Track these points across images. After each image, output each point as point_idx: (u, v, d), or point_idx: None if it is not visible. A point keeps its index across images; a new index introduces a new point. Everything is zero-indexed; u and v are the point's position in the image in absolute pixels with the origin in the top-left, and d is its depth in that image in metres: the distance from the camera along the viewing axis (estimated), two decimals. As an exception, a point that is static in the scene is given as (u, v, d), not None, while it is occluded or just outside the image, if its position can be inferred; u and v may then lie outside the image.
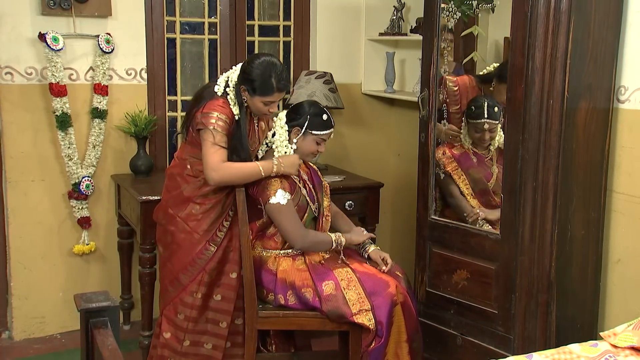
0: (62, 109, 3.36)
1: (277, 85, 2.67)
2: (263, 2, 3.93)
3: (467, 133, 3.09)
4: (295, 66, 4.04)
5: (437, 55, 2.87)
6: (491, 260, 2.73)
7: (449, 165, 3.08)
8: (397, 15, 3.96)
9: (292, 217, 2.70)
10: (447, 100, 3.12)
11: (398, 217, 4.21)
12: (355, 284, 2.64)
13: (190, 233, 2.75)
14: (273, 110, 2.76)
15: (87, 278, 3.67)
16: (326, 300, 2.63)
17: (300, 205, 2.77)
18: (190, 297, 2.77)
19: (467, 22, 3.22)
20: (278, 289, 2.71)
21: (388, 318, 2.59)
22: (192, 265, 2.75)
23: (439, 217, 3.00)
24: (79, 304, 1.32)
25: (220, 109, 2.67)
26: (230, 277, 2.81)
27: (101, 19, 3.45)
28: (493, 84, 3.12)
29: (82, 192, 3.47)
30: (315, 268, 2.71)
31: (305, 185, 2.83)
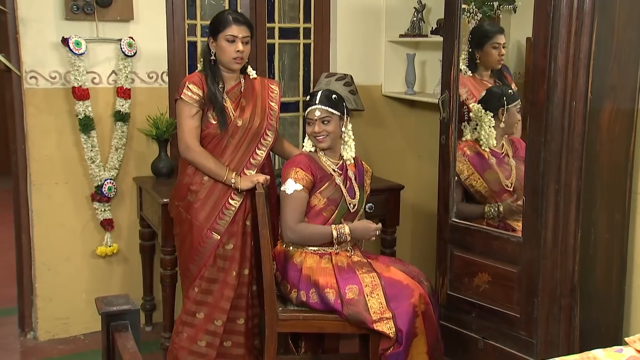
0: (85, 113, 3.40)
1: (232, 16, 2.83)
2: (283, 4, 3.94)
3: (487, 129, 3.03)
4: (315, 68, 4.04)
5: (458, 57, 2.85)
6: (513, 263, 2.71)
7: (463, 167, 3.03)
8: (417, 17, 3.94)
9: (289, 207, 2.73)
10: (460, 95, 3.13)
11: (419, 219, 4.19)
12: (379, 291, 2.62)
13: (191, 222, 2.84)
14: (240, 48, 2.82)
15: (110, 280, 3.70)
16: (347, 304, 2.62)
17: (331, 198, 2.77)
18: (193, 292, 2.84)
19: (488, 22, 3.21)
20: (302, 286, 2.70)
21: (408, 327, 2.57)
22: (198, 254, 2.83)
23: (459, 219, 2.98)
24: (100, 307, 1.33)
25: (191, 78, 2.85)
26: (231, 275, 2.84)
27: (123, 23, 3.48)
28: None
29: (105, 194, 3.50)
30: (340, 270, 2.70)
31: (346, 181, 2.82)
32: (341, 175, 2.83)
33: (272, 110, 2.96)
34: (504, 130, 3.03)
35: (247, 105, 2.90)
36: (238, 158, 2.88)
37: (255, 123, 2.89)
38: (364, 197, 2.92)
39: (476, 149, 3.06)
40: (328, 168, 2.81)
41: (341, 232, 2.73)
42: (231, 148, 2.86)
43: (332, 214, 2.79)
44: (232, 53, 2.80)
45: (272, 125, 2.94)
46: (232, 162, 2.86)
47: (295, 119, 4.09)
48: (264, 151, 2.93)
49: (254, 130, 2.89)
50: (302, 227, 2.74)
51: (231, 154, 2.87)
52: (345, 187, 2.82)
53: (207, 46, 2.88)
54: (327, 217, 2.78)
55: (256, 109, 2.91)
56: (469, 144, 3.08)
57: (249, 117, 2.88)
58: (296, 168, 2.74)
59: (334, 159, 2.85)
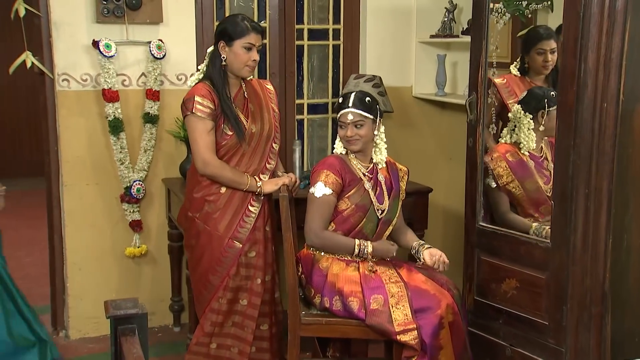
0: (115, 114, 3.44)
1: (251, 24, 2.78)
2: (312, 5, 3.92)
3: (527, 132, 2.96)
4: (344, 70, 4.02)
5: (486, 58, 2.80)
6: (541, 269, 2.63)
7: (503, 172, 2.96)
8: (448, 17, 3.88)
9: (316, 211, 2.69)
10: (502, 96, 3.06)
11: (450, 222, 4.13)
12: (404, 302, 2.57)
13: (211, 233, 2.79)
14: (256, 57, 2.79)
15: (139, 280, 3.74)
16: (371, 314, 2.58)
17: (360, 204, 2.73)
18: (217, 303, 2.82)
19: (524, 22, 3.14)
20: (326, 292, 2.68)
21: (433, 339, 2.52)
22: (220, 264, 2.79)
23: (488, 223, 2.92)
24: (108, 310, 1.33)
25: (198, 91, 2.76)
26: (256, 283, 2.82)
27: (153, 26, 3.51)
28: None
29: (134, 195, 3.54)
30: (367, 279, 2.66)
31: (376, 187, 2.78)
32: (371, 179, 2.78)
33: (274, 112, 2.94)
34: (543, 133, 2.96)
35: (255, 109, 2.88)
36: (256, 164, 2.86)
37: (265, 127, 2.87)
38: (398, 204, 2.86)
39: (516, 153, 2.98)
40: (358, 172, 2.77)
41: (362, 249, 2.69)
42: (248, 155, 2.84)
43: (360, 220, 2.74)
44: (248, 61, 2.76)
45: (277, 127, 2.93)
46: (249, 169, 2.84)
47: (324, 121, 4.07)
48: (275, 154, 2.92)
49: (266, 134, 2.87)
50: (327, 235, 2.71)
51: (248, 162, 2.84)
52: (374, 193, 2.77)
53: (216, 51, 2.81)
54: (354, 223, 2.74)
55: (263, 114, 2.89)
56: (508, 147, 3.00)
57: (260, 122, 2.86)
58: (327, 171, 2.71)
59: (365, 162, 2.81)
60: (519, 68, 3.17)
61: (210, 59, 2.85)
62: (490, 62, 2.88)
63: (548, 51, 3.03)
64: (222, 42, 2.78)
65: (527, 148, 2.96)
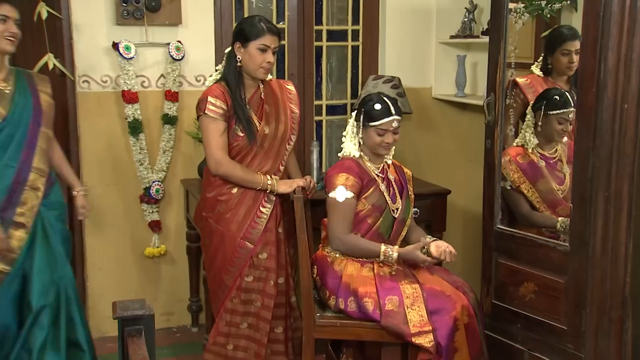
0: (134, 116, 3.47)
1: (267, 25, 2.76)
2: (331, 6, 3.92)
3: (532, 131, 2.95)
4: (363, 71, 4.00)
5: (504, 58, 2.76)
6: (560, 273, 2.59)
7: (514, 175, 2.95)
8: (468, 17, 3.85)
9: (340, 216, 2.67)
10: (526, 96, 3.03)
11: (469, 224, 4.09)
12: (420, 303, 2.55)
13: (223, 233, 2.80)
14: (270, 59, 2.77)
15: (158, 280, 3.76)
16: (386, 315, 2.56)
17: (376, 205, 2.72)
18: (230, 303, 2.82)
19: (548, 22, 3.10)
20: (340, 293, 2.66)
21: (448, 342, 2.50)
22: (232, 265, 2.80)
23: (506, 226, 2.88)
24: (115, 311, 1.34)
25: (212, 92, 2.77)
26: (269, 285, 2.81)
27: (172, 27, 3.53)
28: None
29: (152, 196, 3.57)
30: (382, 279, 2.64)
31: (389, 187, 2.77)
32: (384, 180, 2.78)
33: (293, 113, 2.93)
34: (542, 134, 2.94)
35: (271, 111, 2.87)
36: (269, 165, 2.86)
37: (280, 129, 2.87)
38: (410, 204, 2.85)
39: (526, 155, 2.96)
40: (372, 173, 2.76)
41: (388, 255, 2.65)
42: (260, 157, 2.84)
43: (377, 220, 2.73)
44: (262, 62, 2.76)
45: (294, 129, 2.92)
46: (262, 171, 2.84)
47: (342, 122, 4.05)
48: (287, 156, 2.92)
49: (280, 136, 2.87)
50: (352, 240, 2.68)
51: (261, 162, 2.84)
52: (388, 193, 2.76)
53: (232, 52, 2.82)
54: (371, 223, 2.73)
55: (279, 115, 2.88)
56: (519, 150, 2.99)
57: (275, 123, 2.86)
58: (346, 174, 2.68)
59: (376, 164, 2.80)
60: (541, 68, 3.12)
61: (226, 59, 2.86)
62: (512, 63, 2.84)
63: (573, 52, 2.97)
64: (238, 43, 2.79)
65: (529, 146, 2.95)
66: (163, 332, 3.74)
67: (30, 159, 2.67)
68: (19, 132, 2.64)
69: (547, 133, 2.94)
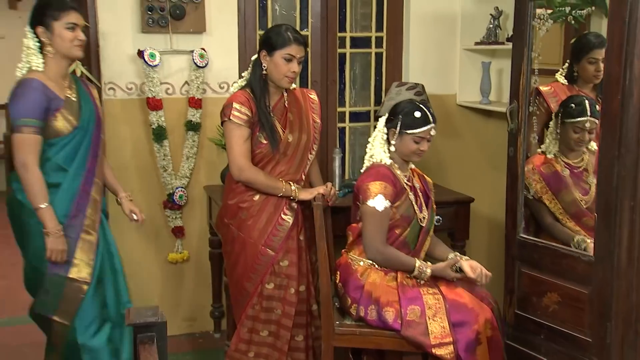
0: (158, 122, 3.50)
1: (293, 35, 2.76)
2: (355, 13, 3.91)
3: (554, 139, 2.91)
4: (387, 78, 3.99)
5: (528, 65, 2.73)
6: (584, 283, 2.54)
7: (537, 185, 2.90)
8: (493, 24, 3.81)
9: (379, 225, 2.63)
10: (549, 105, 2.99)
11: (493, 233, 4.04)
12: (442, 315, 2.52)
13: (245, 240, 2.81)
14: (295, 69, 2.77)
15: (181, 286, 3.78)
16: (407, 325, 2.54)
17: (404, 215, 2.69)
18: (252, 310, 2.82)
19: (577, 29, 3.06)
20: (362, 301, 2.64)
21: (469, 353, 2.47)
22: (254, 272, 2.80)
23: (531, 235, 2.84)
24: (128, 318, 1.35)
25: (237, 98, 2.78)
26: (289, 293, 2.80)
27: (196, 35, 3.56)
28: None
29: (176, 202, 3.59)
30: (404, 289, 2.61)
31: (416, 195, 2.75)
32: (412, 189, 2.75)
33: (315, 122, 2.93)
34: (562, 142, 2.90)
35: (294, 119, 2.88)
36: (292, 173, 2.86)
37: (303, 137, 2.87)
38: (433, 213, 2.83)
39: (551, 165, 2.91)
40: (402, 181, 2.73)
41: (422, 272, 2.63)
42: (283, 164, 2.84)
43: (404, 230, 2.70)
44: (287, 72, 2.76)
45: (317, 138, 2.92)
46: (284, 178, 2.84)
47: (366, 129, 4.04)
48: (309, 165, 2.92)
49: (303, 145, 2.87)
50: (391, 252, 2.65)
51: (283, 170, 2.84)
52: (416, 203, 2.74)
53: (258, 59, 2.84)
54: (399, 233, 2.70)
55: (303, 124, 2.89)
56: (543, 159, 2.95)
57: (298, 132, 2.86)
58: (384, 182, 2.64)
59: (404, 172, 2.77)
60: (566, 76, 3.07)
61: (252, 66, 2.87)
62: (539, 69, 2.80)
63: (600, 60, 2.91)
64: (264, 51, 2.80)
65: (549, 153, 2.92)
66: (185, 338, 3.76)
67: (94, 167, 2.72)
68: (86, 140, 2.68)
69: (566, 141, 2.90)
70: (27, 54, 2.63)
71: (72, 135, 2.64)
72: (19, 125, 2.53)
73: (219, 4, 3.59)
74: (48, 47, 2.62)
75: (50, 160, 2.61)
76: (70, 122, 2.63)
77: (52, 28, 2.60)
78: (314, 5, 3.78)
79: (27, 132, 2.54)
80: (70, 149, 2.64)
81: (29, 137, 2.54)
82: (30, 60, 2.63)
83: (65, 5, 2.63)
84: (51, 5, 2.61)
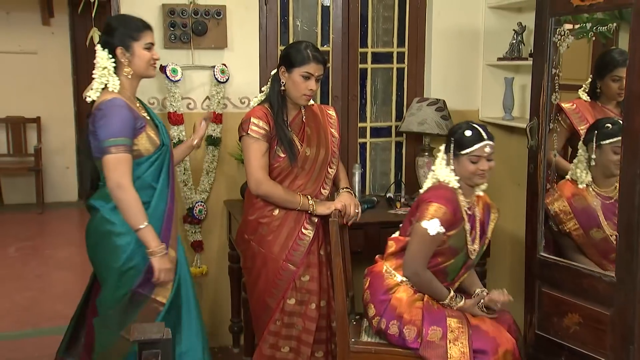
0: (179, 137, 3.52)
1: (313, 54, 2.76)
2: (377, 29, 3.90)
3: (585, 167, 2.80)
4: (409, 93, 3.97)
5: (548, 82, 2.69)
6: (606, 305, 2.49)
7: (568, 223, 2.81)
8: (517, 39, 3.77)
9: (426, 249, 2.57)
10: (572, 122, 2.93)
11: (516, 250, 3.97)
12: (464, 339, 2.48)
13: (266, 255, 2.80)
14: (313, 87, 2.77)
15: (200, 300, 3.74)
16: (426, 346, 2.50)
17: (453, 247, 2.60)
18: (274, 326, 2.80)
19: (605, 44, 3.02)
20: (386, 314, 2.60)
21: None
22: (276, 287, 2.79)
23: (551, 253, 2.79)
24: (133, 334, 1.35)
25: (255, 113, 2.80)
26: (310, 308, 2.79)
27: (217, 51, 3.59)
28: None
29: (195, 216, 3.61)
30: (430, 309, 2.57)
31: (473, 226, 2.65)
32: (469, 218, 2.64)
33: (333, 137, 2.93)
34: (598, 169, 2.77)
35: (312, 133, 2.88)
36: (310, 188, 2.86)
37: (322, 151, 2.87)
38: (484, 248, 2.74)
39: (581, 195, 2.79)
40: (463, 210, 2.63)
41: (452, 305, 2.58)
42: (301, 178, 2.84)
43: (447, 260, 2.62)
44: (305, 90, 2.77)
45: (335, 152, 2.91)
46: (302, 192, 2.84)
47: (387, 144, 4.02)
48: (331, 179, 2.90)
49: (321, 159, 2.86)
50: (427, 278, 2.59)
51: (302, 185, 2.84)
52: (470, 234, 2.64)
53: (277, 75, 2.86)
54: (441, 262, 2.62)
55: (320, 138, 2.89)
56: (571, 188, 2.83)
57: (316, 146, 2.86)
58: (444, 208, 2.54)
59: (468, 197, 2.66)
60: (588, 92, 3.02)
61: (271, 81, 2.89)
62: (565, 85, 2.76)
63: (624, 78, 2.83)
64: (283, 67, 2.82)
65: (581, 182, 2.80)
66: (204, 352, 3.76)
67: (174, 184, 2.69)
68: (167, 158, 2.65)
69: (604, 165, 2.74)
70: (102, 75, 2.58)
71: (158, 152, 2.61)
72: (108, 146, 2.47)
73: (240, 20, 3.61)
74: (126, 67, 2.61)
75: (139, 178, 2.56)
76: (153, 140, 2.60)
77: (131, 49, 2.60)
78: (335, 21, 3.79)
79: (118, 152, 2.47)
80: (157, 167, 2.60)
81: (121, 157, 2.48)
82: (106, 81, 2.58)
83: (144, 25, 2.65)
84: (130, 27, 2.61)
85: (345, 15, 3.79)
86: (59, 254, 5.70)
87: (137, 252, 2.53)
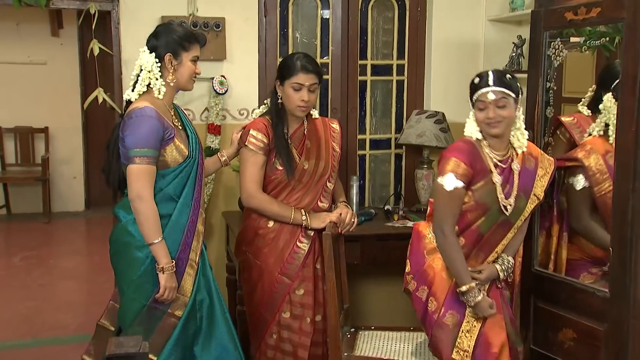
0: (177, 148, 3.53)
1: (301, 63, 2.76)
2: (376, 41, 3.91)
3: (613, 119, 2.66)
4: (408, 105, 3.97)
5: (543, 95, 2.68)
6: (600, 320, 2.47)
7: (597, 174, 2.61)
8: (516, 52, 3.77)
9: (447, 206, 2.43)
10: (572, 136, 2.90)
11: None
12: (474, 334, 2.45)
13: (261, 267, 2.80)
14: (305, 98, 2.76)
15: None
16: (438, 326, 2.47)
17: (481, 202, 2.45)
18: (271, 339, 2.80)
19: (609, 57, 3.00)
20: (418, 277, 2.54)
21: None
22: (271, 300, 2.79)
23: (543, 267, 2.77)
24: (110, 349, 1.35)
25: (254, 125, 2.81)
26: (305, 322, 2.78)
27: (216, 62, 3.61)
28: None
29: (194, 228, 3.60)
30: (454, 293, 2.48)
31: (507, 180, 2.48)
32: (503, 171, 2.48)
33: (334, 151, 2.92)
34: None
35: (312, 147, 2.88)
36: (307, 200, 2.85)
37: (320, 166, 2.86)
38: (526, 205, 2.51)
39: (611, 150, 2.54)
40: (489, 161, 2.47)
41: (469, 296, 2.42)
42: (298, 191, 2.85)
43: (477, 219, 2.48)
44: (297, 101, 2.77)
45: (335, 166, 2.91)
46: (299, 205, 2.84)
47: (386, 157, 4.02)
48: (330, 192, 2.90)
49: (319, 172, 2.86)
50: (453, 242, 2.43)
51: (299, 197, 2.84)
52: (502, 188, 2.47)
53: (274, 89, 2.87)
54: (471, 220, 2.48)
55: (321, 152, 2.89)
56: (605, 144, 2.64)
57: (315, 159, 2.86)
58: (457, 159, 2.42)
59: (499, 151, 2.49)
60: (588, 105, 2.99)
61: (271, 94, 2.90)
62: (569, 98, 2.74)
63: None
64: (278, 81, 2.83)
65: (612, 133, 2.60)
66: (202, 363, 3.75)
67: (200, 197, 2.63)
68: (194, 170, 2.59)
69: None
70: (145, 77, 2.54)
71: (184, 164, 2.56)
72: (133, 156, 2.44)
73: (240, 32, 3.63)
74: (170, 75, 2.58)
75: (162, 190, 2.51)
76: (181, 151, 2.55)
77: (180, 57, 2.59)
78: (334, 33, 3.80)
79: (142, 163, 2.43)
80: (181, 179, 2.55)
81: (144, 168, 2.44)
82: (149, 84, 2.55)
83: (198, 38, 2.65)
84: (182, 36, 2.60)
85: (344, 28, 3.80)
86: (64, 264, 5.73)
87: (155, 266, 2.49)
